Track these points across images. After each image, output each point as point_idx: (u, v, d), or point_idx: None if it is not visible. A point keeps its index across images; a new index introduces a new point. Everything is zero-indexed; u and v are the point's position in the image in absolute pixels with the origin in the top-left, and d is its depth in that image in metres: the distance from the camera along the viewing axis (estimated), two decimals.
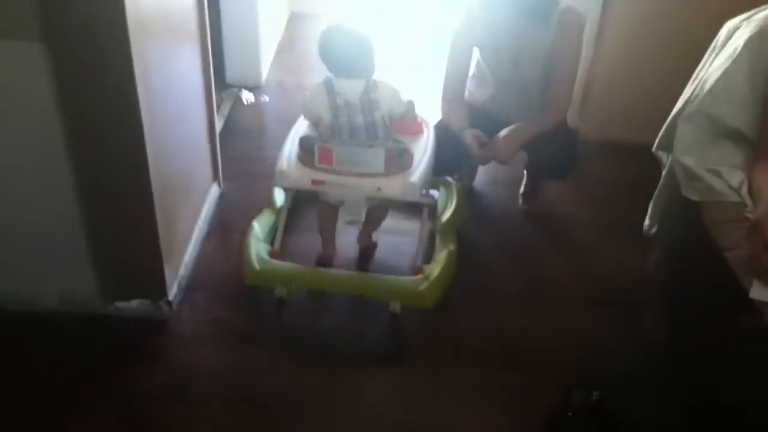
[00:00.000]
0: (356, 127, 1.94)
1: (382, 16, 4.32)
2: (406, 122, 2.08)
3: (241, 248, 2.10)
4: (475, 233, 2.44)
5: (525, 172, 2.63)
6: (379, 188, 1.92)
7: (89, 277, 1.87)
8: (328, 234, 2.17)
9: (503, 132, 2.24)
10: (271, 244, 2.15)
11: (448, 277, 2.10)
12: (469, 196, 2.59)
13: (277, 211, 2.28)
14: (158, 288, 1.91)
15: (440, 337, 2.01)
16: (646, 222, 2.16)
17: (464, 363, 1.93)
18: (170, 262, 1.93)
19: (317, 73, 2.10)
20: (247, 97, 3.17)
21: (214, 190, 2.46)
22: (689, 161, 1.55)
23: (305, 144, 1.95)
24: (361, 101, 1.93)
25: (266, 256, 2.07)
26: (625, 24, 2.82)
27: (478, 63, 2.38)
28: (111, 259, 1.85)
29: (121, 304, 1.92)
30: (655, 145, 2.05)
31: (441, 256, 2.14)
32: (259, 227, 2.20)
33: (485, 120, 2.33)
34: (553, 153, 2.29)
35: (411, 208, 2.28)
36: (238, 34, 3.19)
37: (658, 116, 2.81)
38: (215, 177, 2.48)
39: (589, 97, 3.03)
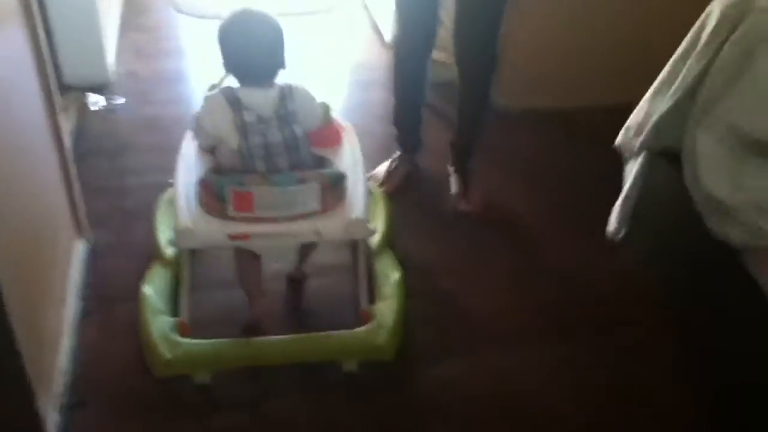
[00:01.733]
0: (273, 148, 1.49)
1: None
2: (322, 130, 1.66)
3: (139, 330, 1.58)
4: (411, 246, 2.03)
5: (451, 167, 2.29)
6: (318, 232, 1.51)
7: None
8: (253, 288, 1.68)
9: None
10: (175, 314, 1.64)
11: (404, 315, 1.72)
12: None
13: (172, 264, 1.76)
14: (30, 423, 1.35)
15: (407, 393, 1.64)
16: (613, 225, 1.92)
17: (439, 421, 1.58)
18: (41, 379, 1.37)
19: (178, 54, 1.59)
20: (95, 101, 2.49)
21: (81, 248, 1.86)
22: (721, 191, 1.26)
23: (211, 187, 1.46)
24: (277, 114, 1.49)
25: (176, 336, 1.57)
26: None
27: None
28: None
29: None
30: (622, 140, 1.78)
31: (389, 291, 1.75)
32: (154, 293, 1.67)
33: None
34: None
35: None
36: (70, 13, 2.46)
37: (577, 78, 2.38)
38: (79, 228, 1.87)
39: (507, 65, 2.71)
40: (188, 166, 1.60)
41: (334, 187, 1.51)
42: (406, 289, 1.76)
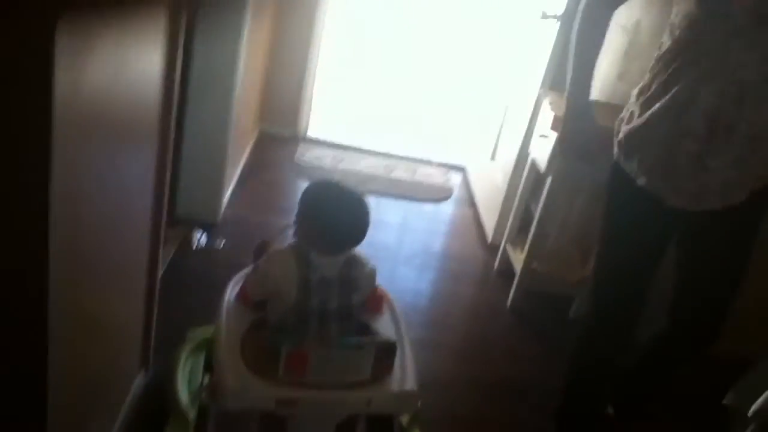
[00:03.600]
0: (328, 312, 1.44)
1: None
2: (368, 297, 1.58)
3: None
4: None
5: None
6: (369, 402, 1.41)
7: None
8: None
9: None
10: None
11: None
12: None
13: (190, 424, 1.66)
14: None
15: None
16: None
17: None
18: None
19: (290, 213, 1.62)
20: (198, 238, 2.58)
21: (139, 381, 1.81)
22: None
23: (262, 344, 1.39)
24: (340, 279, 1.44)
25: None
26: None
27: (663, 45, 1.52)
28: None
29: None
30: (731, 401, 1.60)
31: None
32: None
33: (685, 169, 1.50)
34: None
35: None
36: (201, 154, 2.63)
37: None
38: (144, 360, 1.84)
39: None
40: (231, 317, 1.52)
41: (385, 356, 1.42)
42: None
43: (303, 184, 3.34)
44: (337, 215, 1.45)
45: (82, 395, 1.37)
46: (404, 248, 3.04)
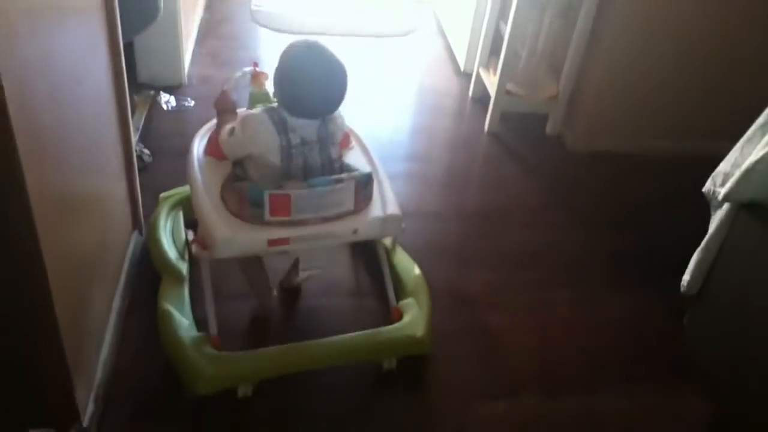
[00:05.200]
0: (312, 169, 1.47)
1: None
2: None
3: (169, 349, 1.53)
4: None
5: None
6: (355, 230, 1.49)
7: None
8: (263, 285, 1.72)
9: None
10: (198, 328, 1.58)
11: (432, 308, 1.72)
12: None
13: (184, 278, 1.72)
14: (66, 412, 1.32)
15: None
16: (686, 278, 1.79)
17: None
18: (81, 369, 1.35)
19: (249, 63, 1.62)
20: (167, 100, 2.52)
21: (135, 241, 1.86)
22: None
23: (245, 193, 1.41)
24: (319, 137, 1.46)
25: (213, 351, 1.51)
26: (619, 28, 2.43)
27: None
28: None
29: None
30: (709, 187, 1.67)
31: (412, 285, 1.78)
32: (178, 312, 1.60)
33: None
34: None
35: None
36: None
37: (653, 126, 2.38)
38: (135, 222, 1.88)
39: (578, 106, 2.64)
40: (205, 172, 1.55)
41: (364, 187, 1.49)
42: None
43: (262, 33, 3.29)
44: (316, 84, 1.43)
45: (81, 266, 1.40)
46: (378, 86, 3.01)
